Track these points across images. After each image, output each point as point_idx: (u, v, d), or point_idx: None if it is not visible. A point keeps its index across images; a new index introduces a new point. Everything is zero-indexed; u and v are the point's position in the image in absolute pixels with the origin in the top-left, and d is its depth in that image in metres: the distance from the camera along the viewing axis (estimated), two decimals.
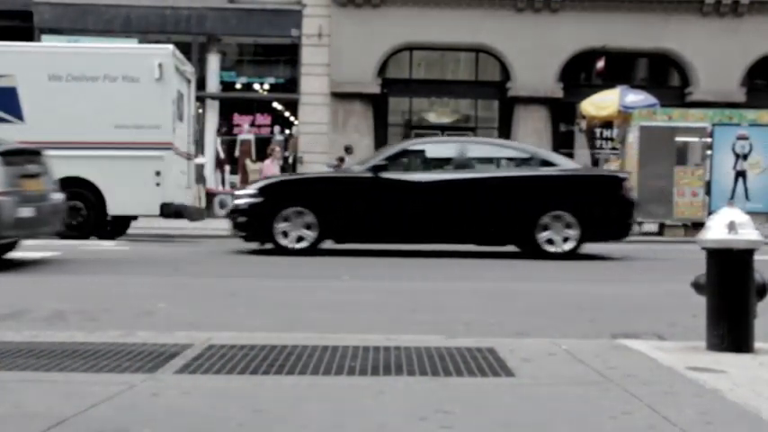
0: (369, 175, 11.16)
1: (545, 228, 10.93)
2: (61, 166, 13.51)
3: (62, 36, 21.39)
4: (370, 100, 22.69)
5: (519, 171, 11.47)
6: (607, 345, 4.34)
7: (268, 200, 11.04)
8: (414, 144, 12.46)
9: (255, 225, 11.08)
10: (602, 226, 11.19)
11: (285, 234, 10.91)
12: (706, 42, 22.39)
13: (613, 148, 21.80)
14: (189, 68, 16.13)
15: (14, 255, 10.08)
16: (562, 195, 11.14)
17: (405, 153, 11.82)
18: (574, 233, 10.95)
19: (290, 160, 22.95)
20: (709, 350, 4.06)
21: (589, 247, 11.43)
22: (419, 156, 12.03)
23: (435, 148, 12.49)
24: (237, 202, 11.39)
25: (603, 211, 11.14)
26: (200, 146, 20.89)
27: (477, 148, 12.22)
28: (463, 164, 11.45)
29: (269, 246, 11.10)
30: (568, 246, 10.96)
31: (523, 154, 11.93)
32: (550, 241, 10.95)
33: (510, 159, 11.89)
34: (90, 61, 14.32)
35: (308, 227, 10.92)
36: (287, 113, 24.20)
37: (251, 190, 11.40)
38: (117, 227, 14.65)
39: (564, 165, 11.75)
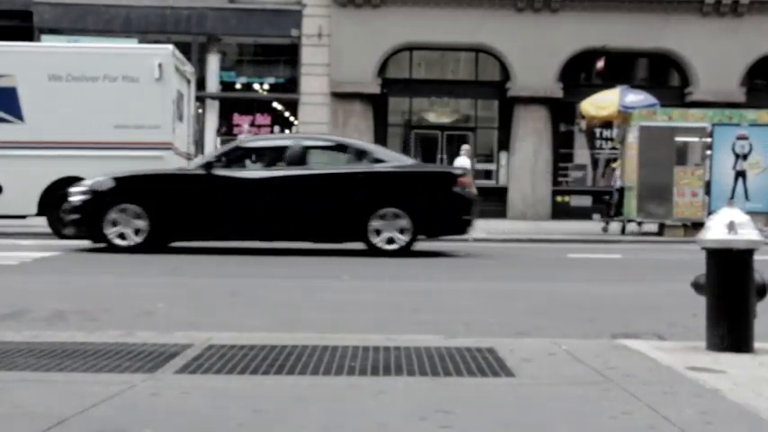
0: (201, 172, 11.09)
1: (378, 225, 10.90)
2: (61, 166, 13.59)
3: (62, 36, 21.40)
4: (370, 100, 22.70)
5: (351, 167, 11.42)
6: (607, 345, 4.35)
7: (99, 197, 10.96)
8: (248, 141, 12.22)
9: (87, 222, 11.01)
10: (435, 222, 11.15)
11: (116, 232, 10.86)
12: (706, 42, 22.39)
13: (613, 148, 21.79)
14: (189, 68, 16.13)
15: (16, 254, 10.09)
16: (394, 191, 11.08)
17: (239, 150, 11.75)
18: (407, 229, 10.90)
19: None
20: (708, 350, 4.06)
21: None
22: (254, 153, 11.95)
23: (269, 144, 12.38)
24: (71, 199, 11.22)
25: (436, 207, 11.06)
26: (199, 146, 20.88)
27: (311, 144, 12.06)
28: (296, 160, 11.34)
29: (102, 244, 11.01)
30: (402, 242, 10.90)
31: (358, 151, 11.85)
32: (385, 238, 10.91)
33: (344, 156, 11.82)
34: (90, 61, 14.32)
35: (140, 225, 10.86)
36: (287, 113, 24.20)
37: (83, 187, 11.22)
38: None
39: (398, 161, 11.67)
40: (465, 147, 19.33)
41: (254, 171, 11.47)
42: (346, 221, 11.00)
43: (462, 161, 18.49)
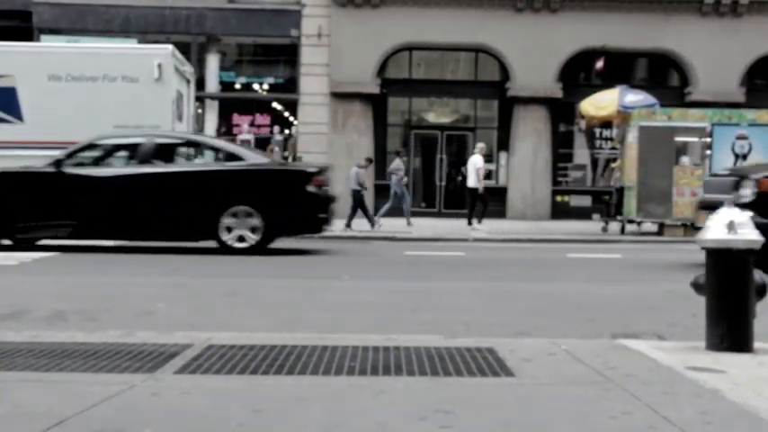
0: (51, 170, 10.99)
1: (229, 223, 10.89)
2: None
3: (61, 36, 21.37)
4: (369, 100, 22.68)
5: (203, 166, 11.39)
6: (607, 345, 4.35)
7: None
8: (101, 138, 12.05)
9: None
10: (287, 221, 11.12)
11: None
12: (705, 42, 22.38)
13: (613, 148, 21.79)
14: (188, 68, 16.14)
15: (16, 254, 10.08)
16: (246, 190, 11.04)
17: (92, 147, 11.63)
18: (258, 228, 10.88)
19: (290, 160, 22.94)
20: (708, 350, 4.06)
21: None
22: (107, 150, 11.83)
23: (122, 142, 12.20)
24: None
25: (289, 206, 11.03)
26: None
27: (164, 142, 11.91)
28: (149, 158, 11.25)
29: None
30: (252, 240, 10.88)
31: (211, 148, 11.76)
32: (237, 236, 10.89)
33: (197, 154, 11.70)
34: (89, 61, 14.32)
35: None
36: (286, 113, 24.18)
37: None
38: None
39: (252, 159, 11.56)
40: (479, 145, 19.34)
41: (104, 169, 11.34)
42: (197, 219, 10.95)
43: (476, 159, 18.53)
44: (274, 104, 24.01)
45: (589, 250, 11.93)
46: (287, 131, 23.82)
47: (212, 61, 23.20)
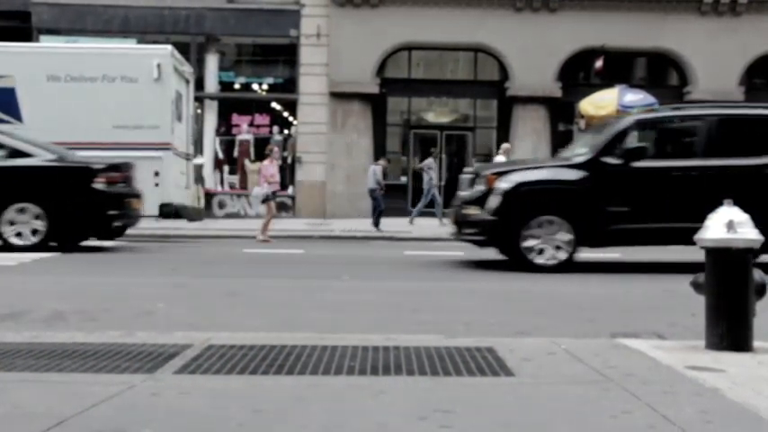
0: None
1: (11, 220, 10.80)
2: None
3: (60, 36, 21.38)
4: (368, 100, 22.68)
5: None
6: (607, 344, 4.35)
7: None
8: None
9: None
10: (71, 218, 10.94)
11: None
12: (705, 41, 22.39)
13: None
14: (187, 69, 16.15)
15: (15, 255, 10.08)
16: (29, 188, 10.92)
17: None
18: (42, 227, 10.77)
19: (289, 160, 22.94)
20: (708, 349, 4.07)
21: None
22: None
23: None
24: None
25: (72, 203, 10.87)
26: (198, 146, 20.89)
27: None
28: None
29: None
30: (36, 239, 10.75)
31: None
32: (20, 234, 10.79)
33: None
34: (88, 62, 14.34)
35: None
36: (286, 113, 24.18)
37: None
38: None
39: (41, 156, 11.28)
40: (504, 146, 19.29)
41: None
42: None
43: (499, 160, 18.57)
44: (273, 104, 24.00)
45: (589, 249, 11.89)
46: (286, 131, 23.82)
47: (211, 61, 23.20)
